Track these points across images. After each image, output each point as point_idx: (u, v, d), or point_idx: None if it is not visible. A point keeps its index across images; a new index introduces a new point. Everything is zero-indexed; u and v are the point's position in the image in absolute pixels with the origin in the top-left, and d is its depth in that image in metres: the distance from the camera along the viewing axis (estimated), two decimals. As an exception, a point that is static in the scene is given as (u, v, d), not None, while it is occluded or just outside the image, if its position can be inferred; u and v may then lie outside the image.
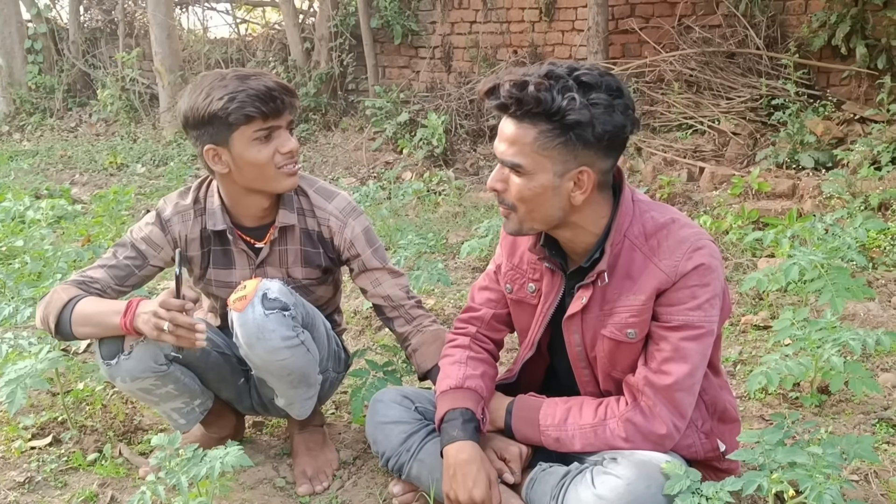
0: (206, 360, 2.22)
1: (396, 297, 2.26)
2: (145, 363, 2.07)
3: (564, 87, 1.62)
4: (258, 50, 9.49)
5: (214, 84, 2.02)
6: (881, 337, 2.46)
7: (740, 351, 3.06)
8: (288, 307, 2.02)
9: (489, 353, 2.08)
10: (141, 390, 2.14)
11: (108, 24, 10.66)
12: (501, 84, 1.66)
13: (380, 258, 2.27)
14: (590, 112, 1.62)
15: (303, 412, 2.26)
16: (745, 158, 6.06)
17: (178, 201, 2.23)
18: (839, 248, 3.13)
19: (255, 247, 2.23)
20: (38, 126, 9.98)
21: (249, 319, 1.98)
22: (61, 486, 2.29)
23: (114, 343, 2.06)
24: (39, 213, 5.21)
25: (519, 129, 1.68)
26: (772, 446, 1.72)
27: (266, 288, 2.01)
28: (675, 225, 1.76)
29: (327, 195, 2.25)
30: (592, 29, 6.88)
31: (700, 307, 1.72)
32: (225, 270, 2.25)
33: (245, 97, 1.99)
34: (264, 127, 2.03)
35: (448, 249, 4.68)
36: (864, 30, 6.27)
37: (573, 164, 1.67)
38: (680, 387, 1.74)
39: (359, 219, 2.25)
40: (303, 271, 2.27)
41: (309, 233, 2.24)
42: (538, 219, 1.75)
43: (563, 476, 1.80)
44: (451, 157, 7.11)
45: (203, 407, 2.29)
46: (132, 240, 2.21)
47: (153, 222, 2.22)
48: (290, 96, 2.07)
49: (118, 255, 2.20)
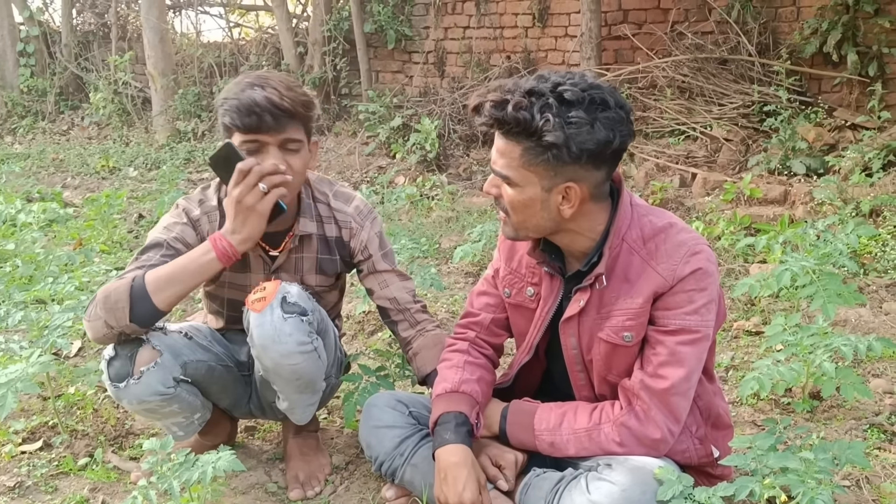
0: (212, 374, 2.21)
1: (403, 301, 2.27)
2: (154, 387, 2.04)
3: (544, 105, 1.62)
4: (251, 54, 9.50)
5: (236, 81, 2.06)
6: (872, 343, 2.47)
7: (732, 356, 3.07)
8: (306, 312, 2.01)
9: (488, 358, 2.08)
10: (146, 410, 2.12)
11: (101, 28, 10.65)
12: (483, 104, 1.68)
13: (390, 261, 2.28)
14: (564, 133, 1.61)
15: (304, 417, 2.25)
16: (737, 164, 6.08)
17: (203, 200, 2.20)
18: (831, 254, 3.14)
19: (270, 254, 2.22)
20: (29, 129, 9.96)
21: (267, 321, 1.97)
22: (52, 490, 2.28)
23: (123, 366, 2.03)
24: (31, 216, 5.19)
25: (507, 144, 1.70)
26: (764, 451, 1.73)
27: (286, 291, 2.00)
28: (673, 229, 1.77)
29: (346, 198, 2.27)
30: (585, 35, 6.90)
31: (697, 311, 1.73)
32: (241, 274, 2.24)
33: (230, 106, 1.99)
34: (248, 140, 2.01)
35: (441, 254, 4.67)
36: (856, 37, 6.31)
37: (559, 179, 1.68)
38: (676, 391, 1.74)
39: (374, 221, 2.27)
40: (317, 278, 2.27)
41: (327, 240, 2.24)
42: (530, 227, 1.77)
43: (558, 482, 1.80)
44: (445, 162, 7.11)
45: (202, 419, 2.27)
46: (166, 239, 2.12)
47: (184, 222, 2.16)
48: (281, 114, 1.99)
49: (154, 256, 2.09)
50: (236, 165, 1.96)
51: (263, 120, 1.98)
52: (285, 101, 1.99)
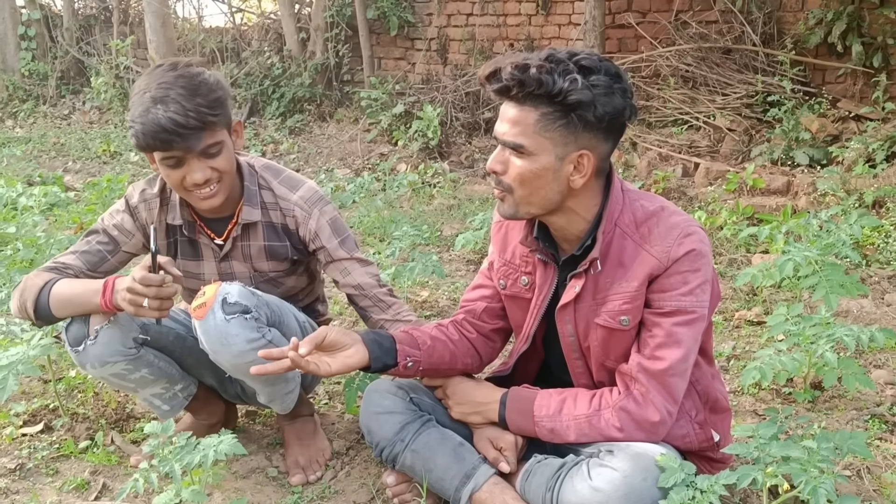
0: (183, 344, 2.20)
1: (367, 286, 2.22)
2: (113, 347, 2.04)
3: (565, 69, 1.64)
4: (253, 39, 9.47)
5: (139, 92, 1.96)
6: (875, 333, 2.47)
7: (734, 346, 3.07)
8: (249, 309, 1.98)
9: (466, 338, 2.06)
10: (113, 376, 2.11)
11: (103, 12, 10.62)
12: (503, 67, 1.68)
13: (347, 248, 2.22)
14: (591, 93, 1.64)
15: (285, 406, 2.25)
16: (740, 155, 6.07)
17: (146, 189, 2.21)
18: (834, 244, 3.14)
19: (216, 242, 2.21)
20: (30, 113, 9.93)
21: (211, 326, 1.96)
22: (53, 473, 2.28)
23: (79, 329, 2.04)
24: (32, 199, 5.18)
25: (521, 111, 1.69)
26: (766, 440, 1.72)
27: (225, 293, 1.97)
28: (665, 212, 1.78)
29: (292, 185, 2.21)
30: (589, 23, 6.87)
31: (692, 292, 1.73)
32: (193, 262, 2.24)
33: (137, 131, 1.93)
34: (167, 156, 1.97)
35: (442, 242, 4.67)
36: (860, 27, 6.29)
37: (573, 146, 1.69)
38: (674, 371, 1.75)
39: (325, 209, 2.20)
40: (269, 265, 2.24)
41: (273, 226, 2.21)
42: (536, 202, 1.75)
43: (559, 468, 1.79)
44: (446, 150, 7.09)
45: (186, 392, 2.27)
46: (104, 226, 2.20)
47: (123, 209, 2.20)
48: (190, 133, 1.92)
49: (91, 242, 2.19)
50: (150, 253, 1.92)
51: (173, 142, 1.93)
52: (190, 118, 1.91)
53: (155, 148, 1.95)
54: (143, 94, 1.95)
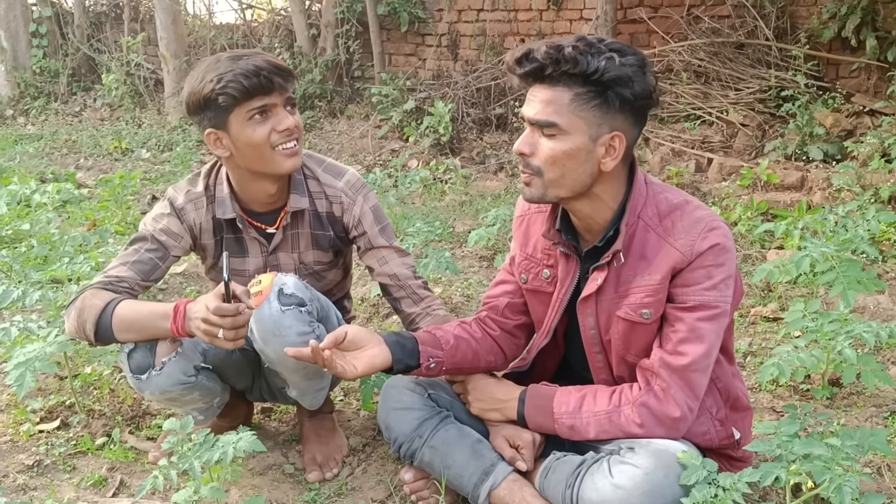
0: (230, 358, 2.20)
1: (403, 276, 2.24)
2: (176, 377, 2.05)
3: (599, 50, 1.66)
4: (264, 36, 9.45)
5: (209, 67, 2.01)
6: (894, 329, 2.45)
7: (750, 342, 3.05)
8: (304, 302, 2.00)
9: (489, 335, 2.06)
10: (167, 399, 2.13)
11: (114, 9, 10.61)
12: (536, 48, 1.68)
13: (387, 236, 2.25)
14: (628, 70, 1.65)
15: (315, 402, 2.24)
16: (754, 150, 6.03)
17: (190, 189, 2.20)
18: (851, 240, 3.11)
19: (266, 232, 2.21)
20: (42, 110, 9.95)
21: (266, 315, 1.96)
22: (70, 469, 2.29)
23: (144, 357, 2.02)
24: (45, 196, 5.19)
25: (554, 91, 1.69)
26: (788, 437, 1.71)
27: (282, 283, 1.98)
28: (689, 206, 1.77)
29: (336, 173, 2.24)
30: (601, 18, 6.83)
31: (715, 287, 1.72)
32: (238, 259, 2.23)
33: (232, 77, 1.97)
34: (257, 106, 2.00)
35: (455, 238, 4.66)
36: (875, 22, 6.22)
37: (607, 128, 1.69)
38: (696, 367, 1.74)
39: (368, 195, 2.24)
40: (314, 255, 2.25)
41: (319, 215, 2.22)
42: (566, 184, 1.74)
43: (579, 465, 1.79)
44: (458, 146, 7.07)
45: (221, 402, 2.27)
46: (150, 232, 2.16)
47: (168, 213, 2.18)
48: (283, 74, 2.02)
49: (139, 250, 2.14)
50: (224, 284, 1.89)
51: (272, 80, 1.99)
52: (279, 63, 2.03)
53: (252, 89, 1.97)
54: (219, 62, 2.00)
